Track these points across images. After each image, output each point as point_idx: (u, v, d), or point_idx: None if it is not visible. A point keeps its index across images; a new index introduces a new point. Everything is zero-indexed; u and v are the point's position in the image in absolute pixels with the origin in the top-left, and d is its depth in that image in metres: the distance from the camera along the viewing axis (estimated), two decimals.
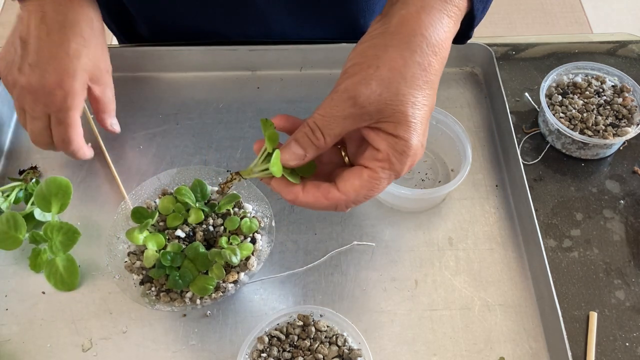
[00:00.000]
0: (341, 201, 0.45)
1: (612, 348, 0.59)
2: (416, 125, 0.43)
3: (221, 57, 0.78)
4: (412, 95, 0.43)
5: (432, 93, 0.45)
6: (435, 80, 0.45)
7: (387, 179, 0.45)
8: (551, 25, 2.09)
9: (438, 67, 0.45)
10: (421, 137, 0.44)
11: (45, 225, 0.62)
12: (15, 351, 0.58)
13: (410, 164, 0.45)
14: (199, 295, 0.58)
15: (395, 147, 0.43)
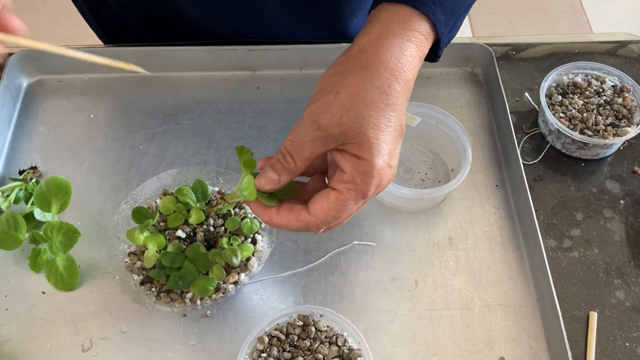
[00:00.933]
0: (311, 223, 0.47)
1: (612, 348, 0.59)
2: (379, 146, 0.44)
3: (221, 57, 0.78)
4: (373, 117, 0.44)
5: (397, 115, 0.45)
6: (399, 102, 0.45)
7: (353, 199, 0.45)
8: (551, 25, 2.09)
9: (401, 90, 0.45)
10: (386, 157, 0.45)
11: (45, 225, 0.62)
12: (15, 351, 0.58)
13: (377, 184, 0.45)
14: (199, 296, 0.58)
15: (359, 168, 0.44)
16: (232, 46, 0.77)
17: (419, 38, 0.47)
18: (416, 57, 0.47)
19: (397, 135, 0.46)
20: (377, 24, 0.48)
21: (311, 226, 0.47)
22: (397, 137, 0.46)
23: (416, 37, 0.47)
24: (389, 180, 0.46)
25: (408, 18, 0.47)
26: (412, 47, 0.47)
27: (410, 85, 0.47)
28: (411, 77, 0.47)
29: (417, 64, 0.47)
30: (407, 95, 0.46)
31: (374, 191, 0.45)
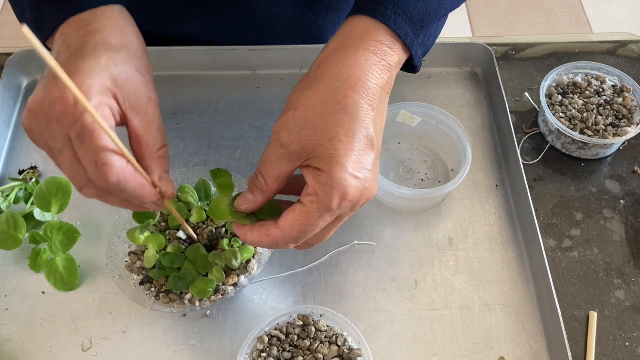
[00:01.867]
0: (279, 237, 0.47)
1: (612, 348, 0.59)
2: (338, 157, 0.44)
3: (221, 57, 0.78)
4: (330, 129, 0.44)
5: (360, 125, 0.45)
6: (360, 113, 0.45)
7: (316, 212, 0.45)
8: (551, 25, 2.09)
9: (360, 99, 0.45)
10: (349, 169, 0.44)
11: (45, 225, 0.62)
12: (15, 351, 0.58)
13: (340, 196, 0.44)
14: (198, 297, 0.58)
15: (319, 180, 0.44)
16: (232, 46, 0.77)
17: (380, 47, 0.47)
18: (378, 66, 0.46)
19: (364, 146, 0.45)
20: (337, 38, 0.48)
21: (279, 241, 0.47)
22: (363, 148, 0.45)
23: (375, 47, 0.47)
24: (358, 191, 0.45)
25: (367, 29, 0.47)
26: (370, 57, 0.46)
27: (374, 93, 0.46)
28: (373, 86, 0.45)
29: (381, 73, 0.46)
30: (371, 105, 0.45)
31: (340, 203, 0.44)
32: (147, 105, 0.47)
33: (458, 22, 2.10)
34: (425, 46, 0.53)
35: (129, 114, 0.46)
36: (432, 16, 0.49)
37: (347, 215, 0.47)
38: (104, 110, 0.44)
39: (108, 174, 0.43)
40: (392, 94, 0.80)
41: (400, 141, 0.73)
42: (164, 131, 0.49)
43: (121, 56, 0.47)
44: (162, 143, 0.48)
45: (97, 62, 0.45)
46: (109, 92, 0.44)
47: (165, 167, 0.48)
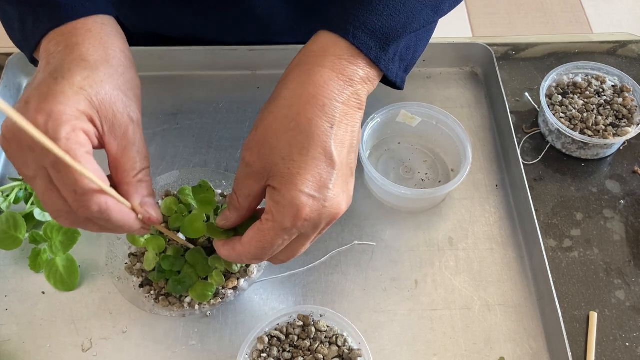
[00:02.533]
0: (242, 253, 0.47)
1: (612, 348, 0.59)
2: (291, 176, 0.43)
3: (221, 57, 0.78)
4: (283, 147, 0.44)
5: (316, 142, 0.44)
6: (311, 130, 0.44)
7: (271, 230, 0.44)
8: (551, 25, 2.09)
9: (312, 116, 0.44)
10: (303, 187, 0.43)
11: (45, 225, 0.62)
12: (15, 351, 0.58)
13: (294, 215, 0.43)
14: (197, 301, 0.58)
15: (274, 198, 0.44)
16: (232, 46, 0.77)
17: (338, 62, 0.46)
18: (335, 82, 0.45)
19: (321, 163, 0.44)
20: (298, 55, 0.48)
21: (242, 256, 0.47)
22: (320, 165, 0.44)
23: (332, 62, 0.46)
24: (314, 210, 0.44)
25: (326, 44, 0.47)
26: (325, 72, 0.45)
27: (331, 109, 0.44)
28: (330, 102, 0.44)
29: (340, 88, 0.45)
30: (329, 121, 0.44)
31: (294, 222, 0.44)
32: (127, 127, 0.45)
33: (458, 22, 2.10)
34: (404, 61, 0.52)
35: (107, 137, 0.44)
36: (401, 30, 0.48)
37: (313, 234, 0.47)
38: (78, 136, 0.41)
39: (89, 203, 0.41)
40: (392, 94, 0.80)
41: (400, 141, 0.73)
42: (145, 153, 0.46)
43: (99, 74, 0.44)
44: (141, 166, 0.46)
45: (70, 84, 0.43)
46: (83, 115, 0.42)
47: (145, 191, 0.46)
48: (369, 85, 0.48)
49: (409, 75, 0.78)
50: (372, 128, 0.69)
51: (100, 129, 0.44)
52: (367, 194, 0.69)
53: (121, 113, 0.45)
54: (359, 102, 0.47)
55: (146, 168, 0.46)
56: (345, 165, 0.46)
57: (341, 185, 0.45)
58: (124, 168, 0.45)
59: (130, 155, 0.45)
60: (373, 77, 0.48)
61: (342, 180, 0.46)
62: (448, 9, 0.54)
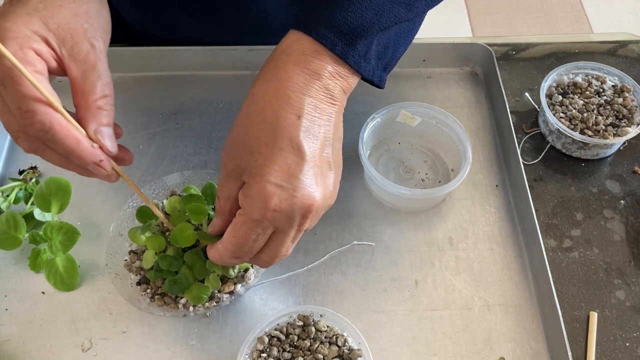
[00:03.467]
0: (222, 251, 0.48)
1: (612, 348, 0.59)
2: (258, 168, 0.44)
3: (221, 57, 0.78)
4: (251, 142, 0.45)
5: (278, 135, 0.44)
6: (277, 122, 0.44)
7: (243, 224, 0.45)
8: (551, 25, 2.09)
9: (278, 109, 0.45)
10: (272, 178, 0.44)
11: (45, 225, 0.62)
12: (15, 351, 0.58)
13: (262, 206, 0.44)
14: (192, 303, 0.58)
15: (244, 192, 0.45)
16: (232, 46, 0.77)
17: (302, 57, 0.46)
18: (300, 76, 0.46)
19: (289, 154, 0.44)
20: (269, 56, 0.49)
21: (223, 255, 0.48)
22: (288, 156, 0.44)
23: (297, 57, 0.46)
24: (284, 200, 0.44)
25: (291, 41, 0.48)
26: (290, 67, 0.46)
27: (297, 102, 0.45)
28: (295, 95, 0.45)
29: (305, 82, 0.46)
30: (296, 113, 0.45)
31: (263, 213, 0.44)
32: (87, 52, 0.44)
33: (458, 22, 2.10)
34: (382, 59, 0.52)
35: (66, 60, 0.44)
36: (368, 26, 0.48)
37: (289, 229, 0.46)
38: (26, 54, 0.41)
39: (32, 119, 0.41)
40: (392, 94, 0.80)
41: (400, 141, 0.73)
42: (107, 80, 0.45)
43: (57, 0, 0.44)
44: (102, 93, 0.45)
45: (23, 4, 0.43)
46: (35, 35, 0.42)
47: (104, 119, 0.45)
48: (342, 81, 0.48)
49: (408, 75, 0.79)
50: (372, 128, 0.68)
51: (58, 51, 0.44)
52: (367, 194, 0.69)
53: (80, 38, 0.44)
54: (331, 96, 0.47)
55: (107, 96, 0.46)
56: (319, 157, 0.46)
57: (314, 177, 0.45)
58: (82, 91, 0.44)
59: (89, 79, 0.44)
60: (345, 74, 0.48)
61: (315, 172, 0.45)
62: (425, 6, 0.53)
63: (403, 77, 0.79)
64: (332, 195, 0.47)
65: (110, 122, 0.46)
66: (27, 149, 0.45)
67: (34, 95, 0.41)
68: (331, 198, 0.47)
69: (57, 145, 0.43)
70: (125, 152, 0.50)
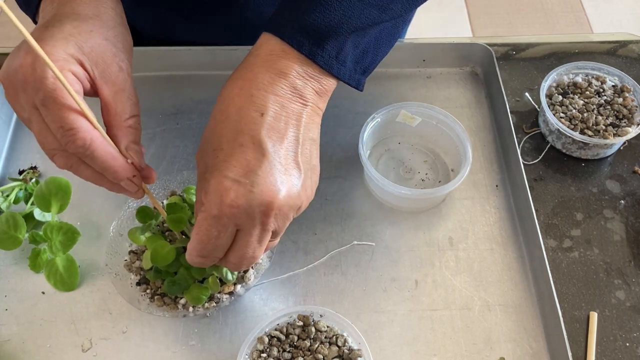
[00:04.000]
0: (190, 251, 0.48)
1: (612, 348, 0.59)
2: (218, 164, 0.44)
3: (221, 57, 0.78)
4: (215, 139, 0.45)
5: (239, 131, 0.45)
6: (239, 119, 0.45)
7: (204, 220, 0.45)
8: (551, 25, 2.09)
9: (241, 106, 0.45)
10: (227, 173, 0.44)
11: (45, 225, 0.62)
12: (15, 351, 0.58)
13: (218, 201, 0.44)
14: (191, 304, 0.58)
15: (204, 188, 0.46)
16: (232, 46, 0.77)
17: (268, 57, 0.47)
18: (265, 75, 0.46)
19: (248, 150, 0.44)
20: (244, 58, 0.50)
21: (191, 255, 0.48)
22: (247, 152, 0.44)
23: (264, 58, 0.47)
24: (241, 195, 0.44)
25: (260, 43, 0.48)
26: (254, 67, 0.47)
27: (262, 100, 0.45)
28: (259, 93, 0.45)
29: (270, 80, 0.46)
30: (259, 110, 0.45)
31: (220, 209, 0.44)
32: (117, 74, 0.47)
33: (458, 22, 2.10)
34: (359, 63, 0.51)
35: (98, 81, 0.46)
36: (336, 27, 0.47)
37: (251, 227, 0.45)
38: (66, 76, 0.44)
39: (74, 137, 0.43)
40: (392, 94, 0.80)
41: (400, 141, 0.73)
42: (135, 101, 0.49)
43: (88, 25, 0.47)
44: (131, 113, 0.48)
45: (59, 30, 0.45)
46: (71, 58, 0.45)
47: (134, 137, 0.48)
48: (313, 82, 0.48)
49: (408, 75, 0.79)
50: (372, 128, 0.68)
51: (91, 73, 0.46)
52: (367, 194, 0.69)
53: (110, 60, 0.47)
54: (300, 96, 0.47)
55: (136, 116, 0.48)
56: (284, 156, 0.45)
57: (276, 175, 0.44)
58: (114, 112, 0.47)
59: (120, 100, 0.47)
60: (316, 75, 0.48)
61: (278, 169, 0.45)
62: (401, 9, 0.52)
63: (403, 77, 0.79)
64: (299, 196, 0.46)
65: (138, 140, 0.49)
66: (62, 165, 0.47)
67: (76, 113, 0.44)
68: (298, 199, 0.46)
69: (95, 161, 0.46)
70: (149, 171, 0.52)
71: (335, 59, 0.49)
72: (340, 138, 0.73)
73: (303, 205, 0.48)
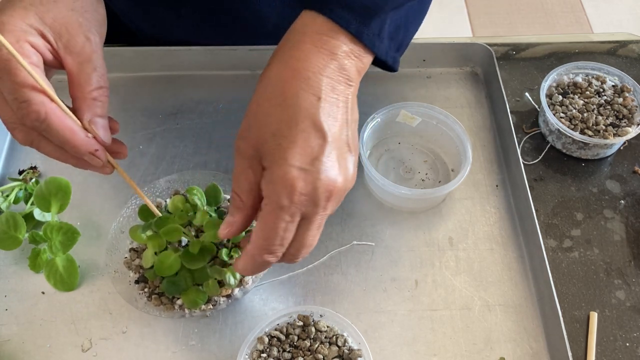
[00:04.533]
0: (253, 251, 0.45)
1: (612, 348, 0.59)
2: (282, 151, 0.43)
3: (221, 57, 0.78)
4: (272, 124, 0.44)
5: (299, 116, 0.43)
6: (297, 103, 0.43)
7: (272, 213, 0.43)
8: (551, 25, 2.09)
9: (298, 90, 0.44)
10: (295, 162, 0.42)
11: (45, 225, 0.62)
12: (15, 351, 0.58)
13: (288, 192, 0.42)
14: (188, 306, 0.58)
15: (267, 179, 0.44)
16: (232, 46, 0.77)
17: (318, 37, 0.46)
18: (317, 56, 0.45)
19: (311, 136, 0.43)
20: (283, 37, 0.48)
21: (255, 255, 0.46)
22: (310, 138, 0.43)
23: (312, 37, 0.46)
24: (309, 183, 0.43)
25: (306, 22, 0.47)
26: (307, 47, 0.45)
27: (316, 82, 0.44)
28: (314, 75, 0.44)
29: (324, 62, 0.45)
30: (315, 94, 0.44)
31: (290, 198, 0.42)
32: (83, 45, 0.45)
33: (458, 22, 2.10)
34: (394, 40, 0.51)
35: (62, 52, 0.45)
36: (381, 4, 0.47)
37: (314, 214, 0.44)
38: (22, 47, 0.43)
39: (28, 109, 0.42)
40: (392, 94, 0.80)
41: (401, 141, 0.73)
42: (102, 72, 0.46)
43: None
44: (97, 84, 0.46)
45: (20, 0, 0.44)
46: (31, 28, 0.43)
47: (99, 110, 0.46)
48: (357, 61, 0.47)
49: (408, 75, 0.79)
50: (372, 128, 0.68)
51: (54, 44, 0.45)
52: (367, 194, 0.69)
53: (76, 31, 0.45)
54: (347, 76, 0.46)
55: (103, 87, 0.46)
56: (338, 139, 0.45)
57: (336, 159, 0.44)
58: (78, 82, 0.45)
59: (85, 71, 0.45)
60: (360, 53, 0.47)
61: (337, 154, 0.44)
62: None
63: (403, 77, 0.79)
64: (352, 178, 0.46)
65: (104, 113, 0.47)
66: (23, 141, 0.45)
67: (30, 85, 0.42)
68: (352, 181, 0.46)
69: (52, 135, 0.44)
70: (119, 146, 0.50)
71: (377, 36, 0.48)
72: None
73: (352, 185, 0.47)
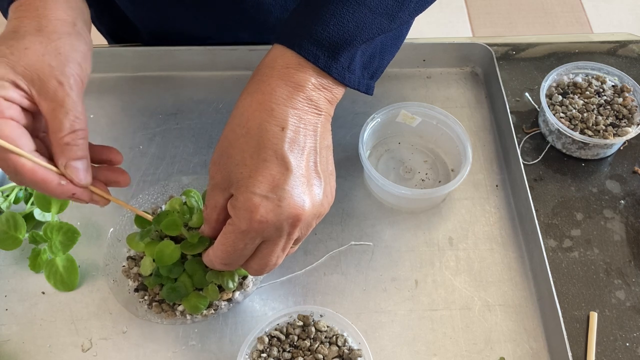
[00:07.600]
0: (213, 257, 0.49)
1: (612, 348, 0.59)
2: (244, 180, 0.45)
3: (221, 57, 0.78)
4: (237, 154, 0.46)
5: (262, 147, 0.45)
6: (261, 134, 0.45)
7: (232, 234, 0.46)
8: (551, 25, 2.09)
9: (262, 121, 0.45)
10: (258, 190, 0.44)
11: (45, 225, 0.62)
12: (15, 351, 0.58)
13: (248, 217, 0.45)
14: (190, 312, 0.58)
15: (232, 204, 0.46)
16: (232, 46, 0.77)
17: (285, 71, 0.47)
18: (284, 89, 0.46)
19: (273, 165, 0.45)
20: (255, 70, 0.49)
21: (214, 261, 0.50)
22: (272, 167, 0.45)
23: (280, 71, 0.47)
24: (270, 211, 0.44)
25: (275, 55, 0.48)
26: (273, 81, 0.47)
27: (281, 114, 0.45)
28: (279, 107, 0.46)
29: (288, 94, 0.46)
30: (280, 125, 0.45)
31: (249, 224, 0.45)
32: (55, 90, 0.45)
33: (458, 22, 2.10)
34: (367, 69, 0.52)
35: (37, 99, 0.45)
36: (350, 39, 0.48)
37: (279, 239, 0.47)
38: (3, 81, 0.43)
39: (2, 166, 0.44)
40: (392, 94, 0.80)
41: (401, 141, 0.73)
42: (77, 115, 0.46)
43: (24, 42, 0.46)
44: (70, 129, 0.45)
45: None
46: (3, 81, 0.44)
47: (75, 153, 0.46)
48: (326, 92, 0.48)
49: (408, 75, 0.79)
50: (372, 128, 0.69)
51: (28, 92, 0.45)
52: (367, 194, 0.69)
53: (47, 77, 0.45)
54: (315, 107, 0.47)
55: (77, 130, 0.46)
56: (305, 168, 0.46)
57: (300, 187, 0.46)
58: (52, 130, 0.45)
59: (57, 117, 0.45)
60: (329, 85, 0.49)
61: (302, 182, 0.46)
62: (408, 16, 0.53)
63: (403, 77, 0.79)
64: (321, 205, 0.48)
65: (82, 155, 0.46)
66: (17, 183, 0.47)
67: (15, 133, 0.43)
68: (321, 207, 0.48)
69: (30, 186, 0.46)
70: (117, 175, 0.51)
71: (347, 69, 0.49)
72: (340, 138, 0.73)
73: (325, 211, 0.49)
